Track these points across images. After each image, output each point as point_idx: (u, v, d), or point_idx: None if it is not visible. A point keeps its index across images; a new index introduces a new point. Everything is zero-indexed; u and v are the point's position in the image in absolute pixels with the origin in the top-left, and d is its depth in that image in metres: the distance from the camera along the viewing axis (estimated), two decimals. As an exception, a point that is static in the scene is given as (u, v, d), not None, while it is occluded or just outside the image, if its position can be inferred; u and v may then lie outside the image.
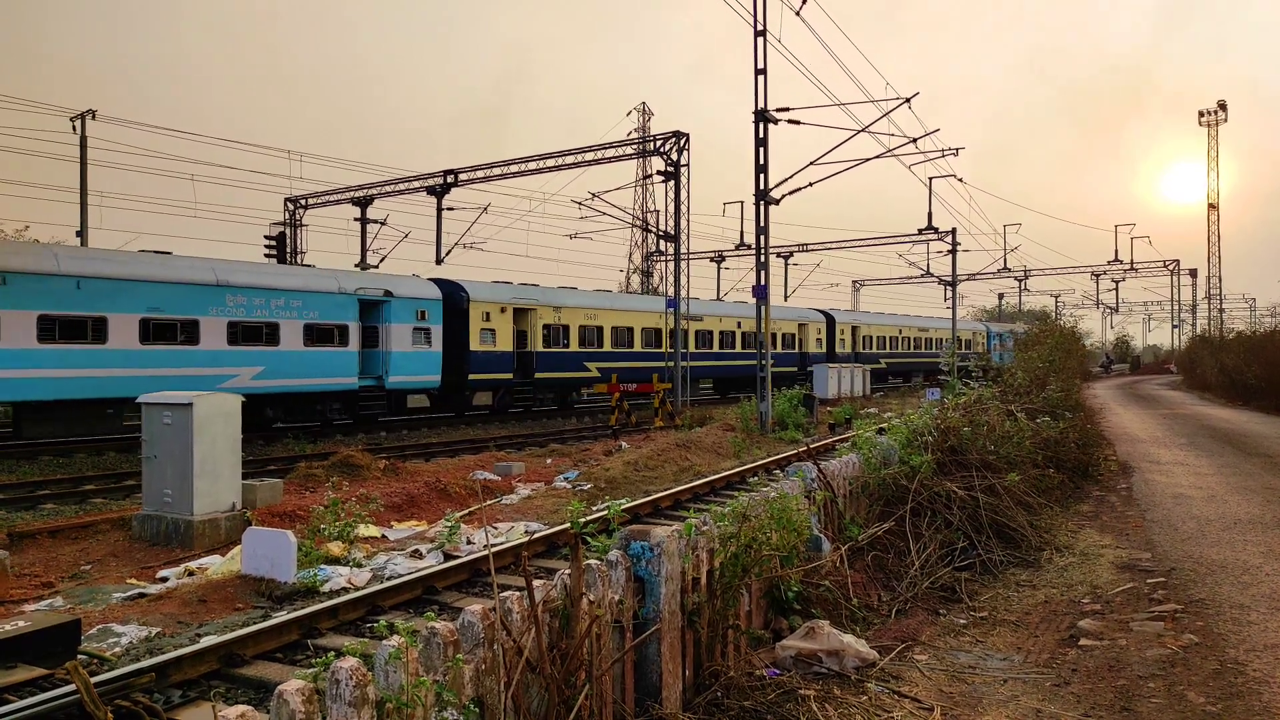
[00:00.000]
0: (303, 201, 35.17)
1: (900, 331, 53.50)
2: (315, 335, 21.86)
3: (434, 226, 32.04)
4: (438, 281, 26.04)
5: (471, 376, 26.22)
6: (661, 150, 27.09)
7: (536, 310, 28.42)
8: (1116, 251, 60.77)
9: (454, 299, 26.10)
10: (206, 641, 6.26)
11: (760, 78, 22.05)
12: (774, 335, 37.60)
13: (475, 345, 26.21)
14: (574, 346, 29.81)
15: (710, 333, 36.77)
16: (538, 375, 28.50)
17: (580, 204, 30.13)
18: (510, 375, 27.48)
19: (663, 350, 32.56)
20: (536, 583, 3.72)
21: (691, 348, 34.14)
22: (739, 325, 38.63)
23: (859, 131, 22.94)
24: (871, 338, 49.99)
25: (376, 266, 32.83)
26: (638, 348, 32.81)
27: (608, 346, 31.24)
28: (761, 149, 22.33)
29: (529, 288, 29.61)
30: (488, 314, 26.68)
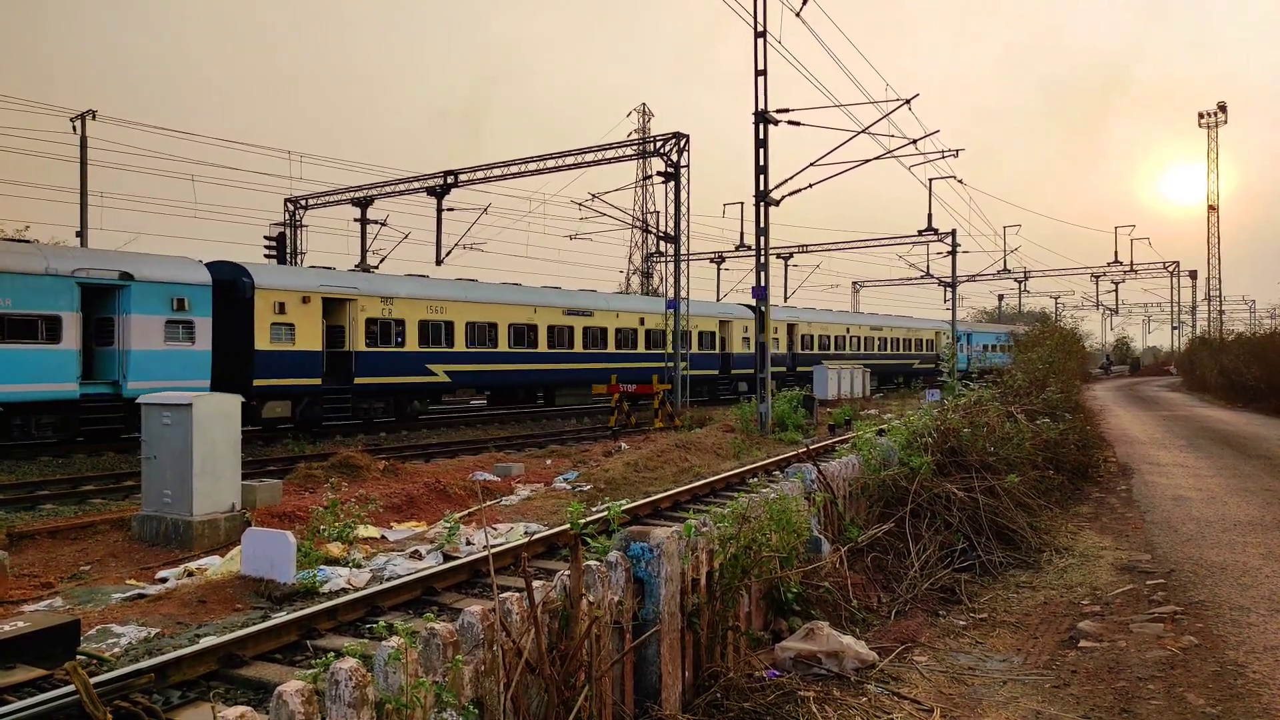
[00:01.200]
0: (303, 202, 35.18)
1: (849, 330, 48.09)
2: (8, 329, 17.12)
3: (434, 227, 32.06)
4: (213, 265, 21.43)
5: (258, 382, 21.13)
6: (662, 151, 27.11)
7: (357, 301, 23.46)
8: (1116, 253, 60.85)
9: (232, 285, 21.26)
10: (206, 642, 6.26)
11: (760, 79, 22.07)
12: (688, 333, 32.43)
13: (264, 343, 21.31)
14: (412, 346, 24.74)
15: (604, 330, 31.60)
16: (359, 380, 23.46)
17: (580, 205, 30.18)
18: (318, 380, 22.55)
19: (540, 350, 28.85)
20: (536, 584, 3.72)
21: (578, 347, 30.39)
22: (642, 322, 33.40)
23: (859, 133, 22.96)
24: (813, 337, 44.44)
25: (377, 267, 32.84)
26: (504, 347, 27.68)
27: (461, 346, 26.13)
28: (761, 150, 22.34)
29: (348, 274, 25.28)
30: (282, 305, 21.73)
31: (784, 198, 23.25)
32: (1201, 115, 69.66)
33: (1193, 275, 70.69)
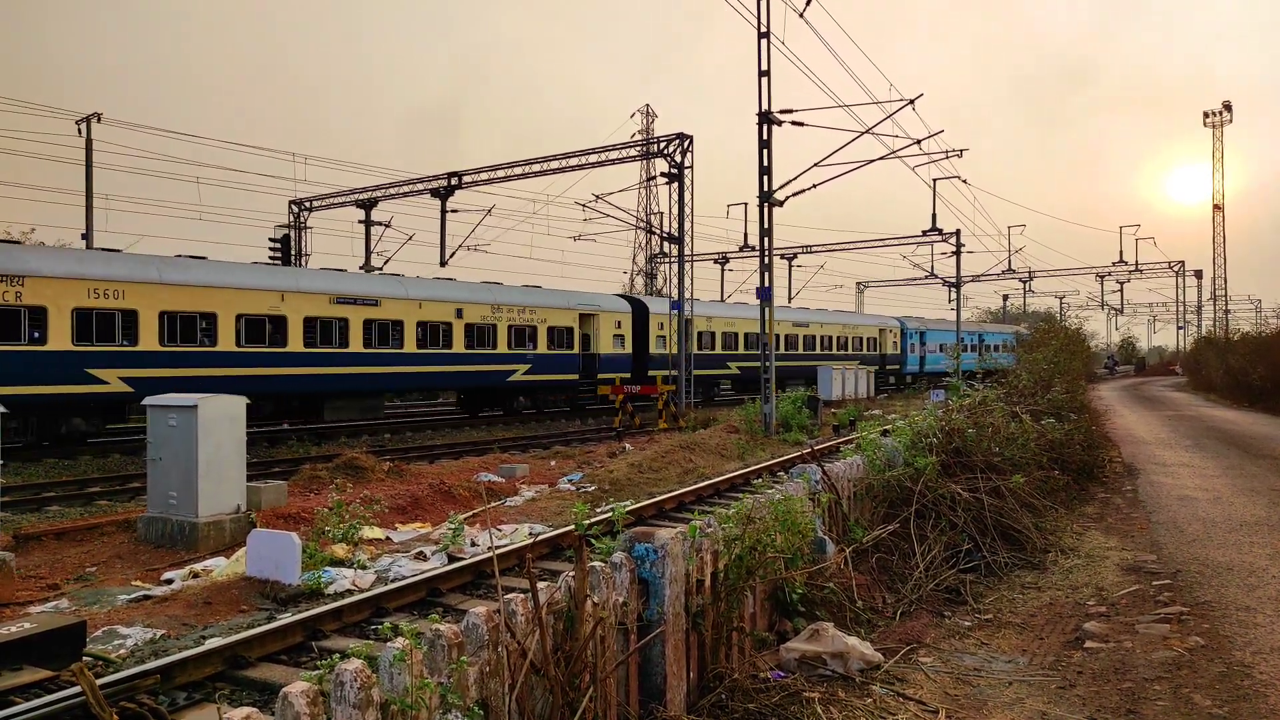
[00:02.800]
0: (307, 204, 35.24)
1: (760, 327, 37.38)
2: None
3: (438, 229, 32.10)
4: None
5: None
6: (665, 152, 27.11)
7: None
8: (1121, 253, 60.73)
9: None
10: (211, 643, 6.28)
11: (764, 79, 22.06)
12: (534, 328, 27.95)
13: None
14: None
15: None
16: None
17: (584, 206, 30.17)
18: None
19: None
20: (541, 585, 3.72)
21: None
22: (459, 314, 25.98)
23: (863, 133, 22.94)
24: (713, 335, 36.17)
25: (381, 268, 32.88)
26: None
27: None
28: (765, 151, 22.34)
29: None
30: None
31: (788, 198, 23.24)
32: (1207, 114, 69.58)
33: (1198, 275, 70.56)
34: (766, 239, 22.68)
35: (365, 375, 23.59)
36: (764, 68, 22.04)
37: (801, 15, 21.39)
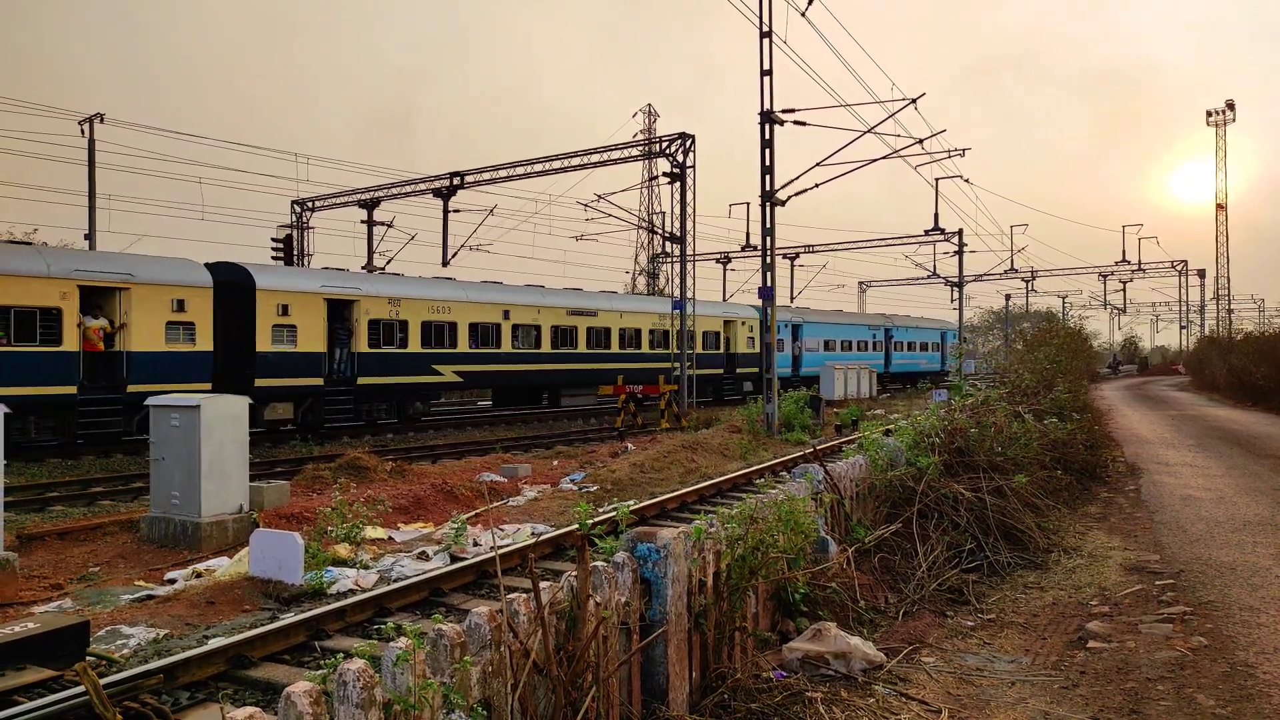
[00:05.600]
0: (309, 204, 35.28)
1: (507, 316, 27.86)
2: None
3: (440, 229, 32.14)
4: None
5: None
6: (667, 152, 27.11)
7: None
8: (1124, 252, 60.66)
9: None
10: (214, 643, 6.28)
11: (766, 79, 22.06)
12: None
13: None
14: None
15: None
16: None
17: (586, 206, 30.18)
18: None
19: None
20: (543, 585, 3.72)
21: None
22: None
23: (865, 132, 22.93)
24: (390, 324, 24.28)
25: (383, 268, 32.91)
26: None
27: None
28: (767, 150, 22.33)
29: None
30: None
31: (790, 198, 23.23)
32: (1210, 114, 69.45)
33: (1201, 274, 70.49)
34: (768, 238, 22.67)
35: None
36: (766, 67, 22.03)
37: (803, 14, 21.39)
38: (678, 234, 27.05)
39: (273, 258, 33.40)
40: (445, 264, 32.22)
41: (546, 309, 29.62)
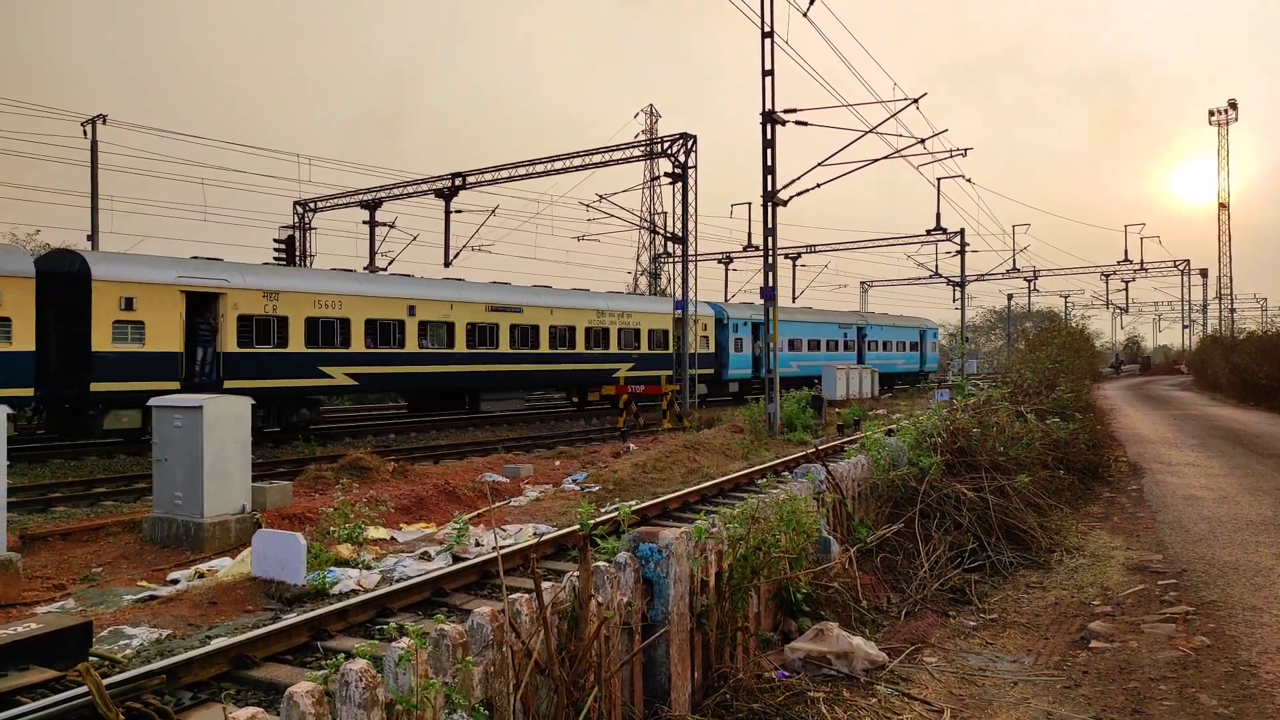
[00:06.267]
0: (312, 205, 35.32)
1: (412, 312, 24.82)
2: None
3: (442, 229, 32.17)
4: None
5: None
6: (669, 152, 27.11)
7: None
8: (1126, 251, 60.60)
9: None
10: (217, 643, 6.29)
11: (768, 79, 22.06)
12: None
13: None
14: None
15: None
16: None
17: (588, 206, 30.18)
18: None
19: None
20: (545, 585, 3.73)
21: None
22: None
23: (866, 132, 22.93)
24: (265, 320, 21.91)
25: (385, 269, 32.93)
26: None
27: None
28: (769, 150, 22.33)
29: None
30: None
31: (792, 198, 23.23)
32: (1212, 113, 69.44)
33: (1203, 273, 70.42)
34: (770, 238, 22.67)
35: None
36: (768, 67, 22.03)
37: (805, 14, 21.39)
38: (680, 234, 27.05)
39: (275, 258, 33.43)
40: (447, 264, 32.27)
41: (461, 304, 25.95)
